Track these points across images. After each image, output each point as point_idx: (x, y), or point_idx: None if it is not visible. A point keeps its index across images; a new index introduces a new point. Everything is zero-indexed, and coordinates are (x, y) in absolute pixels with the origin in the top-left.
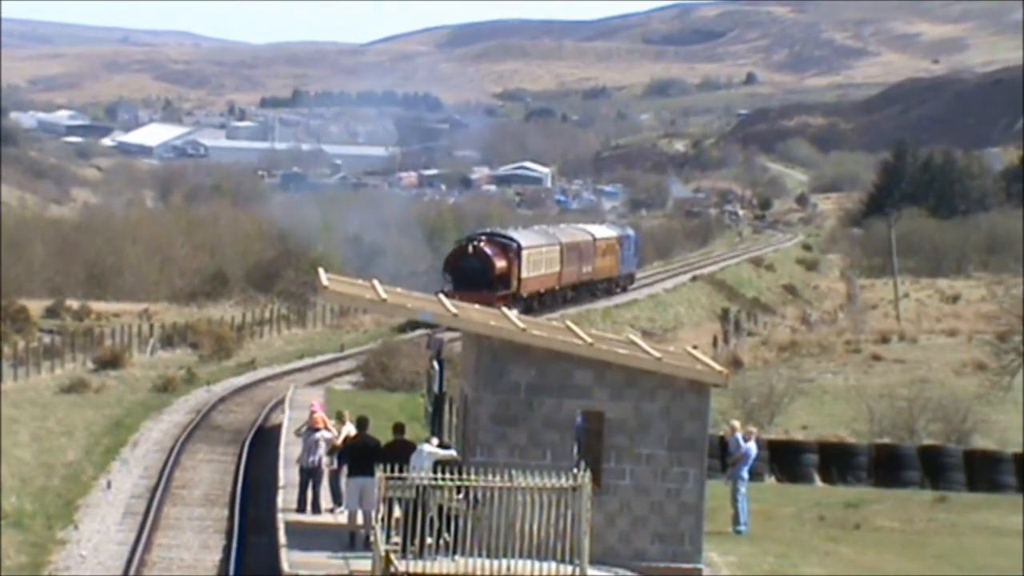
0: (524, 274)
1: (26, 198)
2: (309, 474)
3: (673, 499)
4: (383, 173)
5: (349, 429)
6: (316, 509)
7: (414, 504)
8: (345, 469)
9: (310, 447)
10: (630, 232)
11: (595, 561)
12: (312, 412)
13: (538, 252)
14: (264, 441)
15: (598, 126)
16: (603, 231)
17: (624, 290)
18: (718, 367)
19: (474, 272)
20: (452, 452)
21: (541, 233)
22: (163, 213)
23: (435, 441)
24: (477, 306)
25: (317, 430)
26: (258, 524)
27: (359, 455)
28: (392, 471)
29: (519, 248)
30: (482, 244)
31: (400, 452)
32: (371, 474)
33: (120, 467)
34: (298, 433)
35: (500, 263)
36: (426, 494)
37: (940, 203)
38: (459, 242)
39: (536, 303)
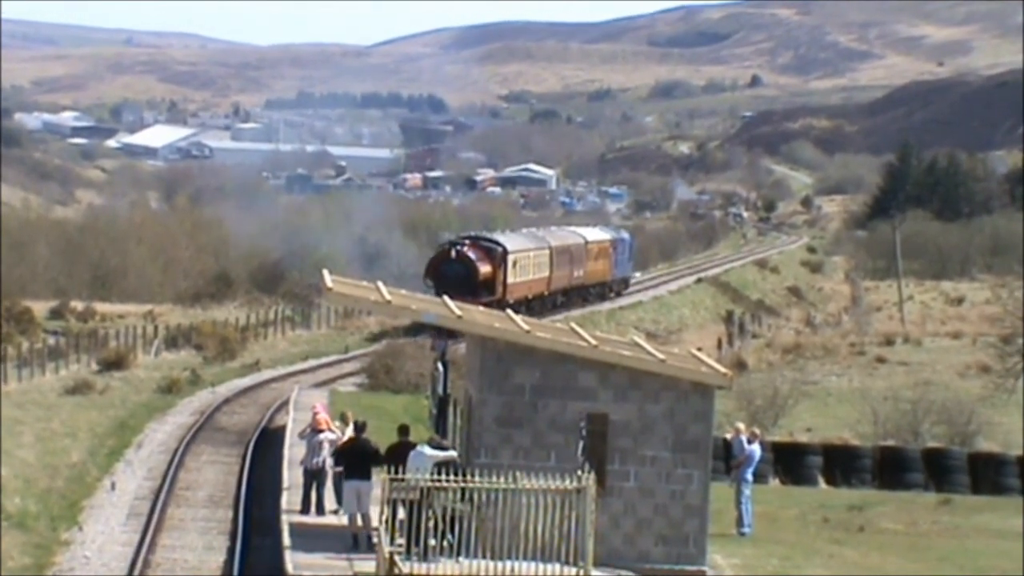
0: (510, 279)
1: (30, 199)
2: (313, 476)
3: (677, 501)
4: (388, 175)
5: (352, 431)
6: (320, 511)
7: (418, 506)
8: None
9: (313, 449)
10: (625, 235)
11: (599, 563)
12: (315, 414)
13: (525, 256)
14: (268, 443)
15: (603, 128)
16: (595, 234)
17: (618, 295)
18: (722, 369)
19: (457, 278)
20: (452, 453)
21: (529, 236)
22: (168, 214)
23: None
24: (481, 308)
25: (320, 432)
26: (262, 525)
27: (355, 458)
28: (395, 473)
29: (505, 252)
30: (465, 248)
31: (403, 454)
32: (367, 477)
33: (124, 468)
34: (302, 435)
35: (484, 268)
36: (430, 496)
37: (944, 206)
38: (441, 246)
39: (524, 310)
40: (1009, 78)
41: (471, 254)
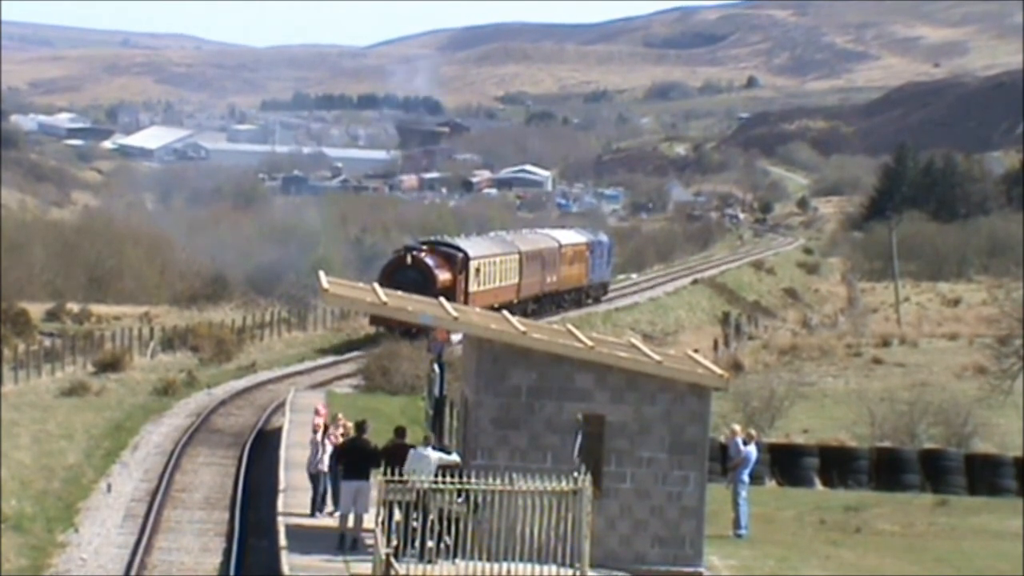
0: (472, 288)
1: (27, 201)
2: (315, 478)
3: (674, 503)
4: (384, 176)
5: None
6: (321, 511)
7: (414, 507)
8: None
9: (316, 451)
10: (603, 237)
11: (595, 564)
12: (316, 416)
13: (490, 262)
14: (264, 444)
15: (599, 129)
16: (570, 236)
17: (596, 301)
18: (719, 370)
19: (412, 286)
20: (455, 457)
21: (497, 241)
22: (164, 215)
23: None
24: (477, 309)
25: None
26: (258, 527)
27: (354, 458)
28: (391, 474)
29: (466, 258)
30: (422, 255)
31: (399, 455)
32: (365, 477)
33: (120, 470)
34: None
35: (443, 275)
36: (427, 497)
37: (941, 207)
38: (397, 252)
39: None
40: (1006, 79)
41: (428, 260)
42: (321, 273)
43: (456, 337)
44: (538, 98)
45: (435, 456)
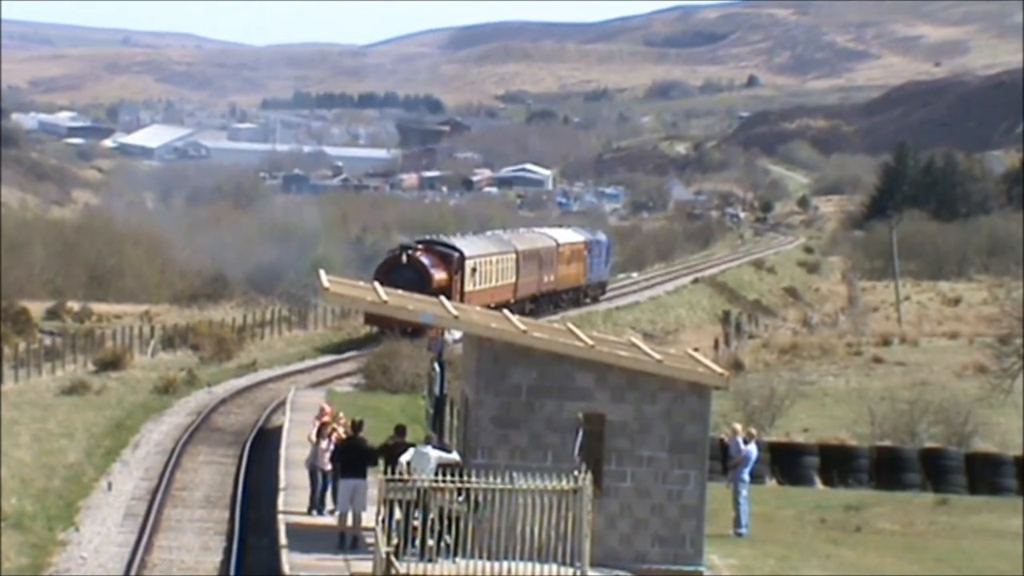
0: (468, 287)
1: (27, 199)
2: (313, 474)
3: (674, 501)
4: (384, 175)
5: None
6: (320, 510)
7: (415, 506)
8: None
9: (315, 448)
10: (601, 237)
11: (596, 563)
12: (322, 415)
13: (487, 262)
14: (265, 443)
15: (599, 128)
16: (568, 235)
17: (594, 300)
18: (719, 369)
19: (408, 285)
20: (455, 456)
21: (493, 240)
22: (164, 214)
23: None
24: (478, 308)
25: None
26: (259, 526)
27: (351, 457)
28: (391, 472)
29: (462, 258)
30: (418, 254)
31: (398, 454)
32: (363, 476)
33: (121, 469)
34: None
35: (439, 275)
36: (427, 496)
37: (941, 206)
38: (392, 251)
39: None
40: (1006, 78)
41: (424, 259)
42: (321, 272)
43: (451, 336)
44: (538, 97)
45: (435, 455)
